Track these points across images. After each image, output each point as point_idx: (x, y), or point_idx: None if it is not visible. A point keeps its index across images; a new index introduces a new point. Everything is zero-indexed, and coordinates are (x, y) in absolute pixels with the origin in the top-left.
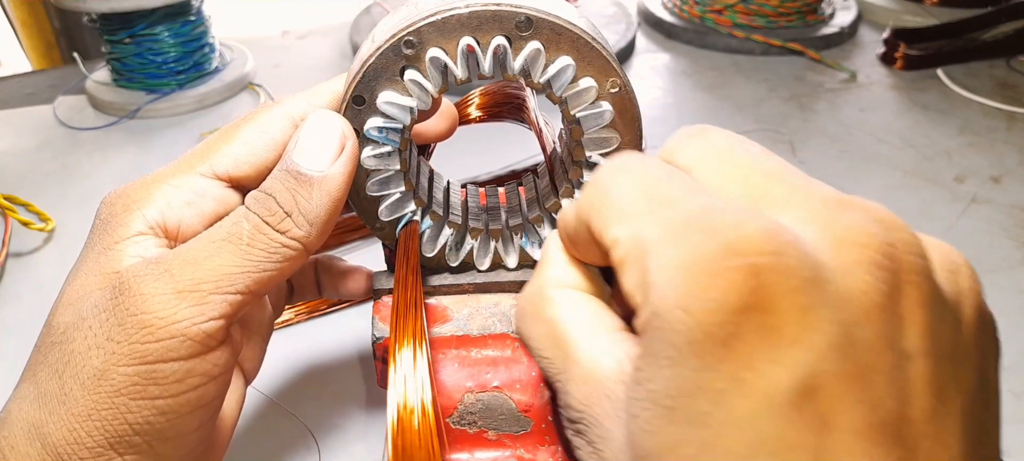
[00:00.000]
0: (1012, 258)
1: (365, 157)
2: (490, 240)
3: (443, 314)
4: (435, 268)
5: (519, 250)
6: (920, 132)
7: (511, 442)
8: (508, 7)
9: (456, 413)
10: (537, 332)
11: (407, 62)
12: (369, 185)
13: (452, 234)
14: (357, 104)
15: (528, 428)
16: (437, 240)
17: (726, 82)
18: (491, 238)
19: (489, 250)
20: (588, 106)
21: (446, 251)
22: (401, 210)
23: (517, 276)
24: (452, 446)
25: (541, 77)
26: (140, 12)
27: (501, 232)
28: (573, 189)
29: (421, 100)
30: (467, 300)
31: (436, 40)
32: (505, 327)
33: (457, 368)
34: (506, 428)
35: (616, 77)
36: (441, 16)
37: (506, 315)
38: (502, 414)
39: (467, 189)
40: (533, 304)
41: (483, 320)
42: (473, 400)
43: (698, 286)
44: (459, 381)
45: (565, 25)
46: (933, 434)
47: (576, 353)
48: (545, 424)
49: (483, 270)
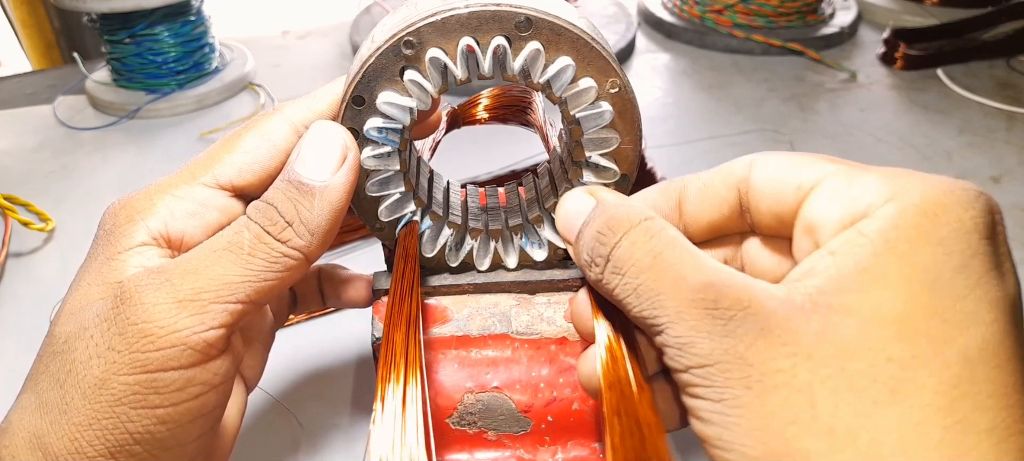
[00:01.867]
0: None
1: (365, 157)
2: (490, 240)
3: (443, 314)
4: (435, 268)
5: (519, 250)
6: (920, 132)
7: (511, 442)
8: (508, 7)
9: (456, 414)
10: (652, 281)
11: (407, 62)
12: (368, 185)
13: (452, 234)
14: (357, 104)
15: (528, 428)
16: (437, 240)
17: (726, 82)
18: (491, 238)
19: (489, 251)
20: (588, 106)
21: (446, 251)
22: (401, 210)
23: (517, 276)
24: (451, 446)
25: (541, 77)
26: (140, 12)
27: (501, 232)
28: (572, 189)
29: (421, 100)
30: (467, 300)
31: (436, 40)
32: (504, 327)
33: (457, 368)
34: (506, 428)
35: (616, 77)
36: (441, 16)
37: (506, 315)
38: (502, 414)
39: (467, 189)
40: (646, 250)
41: (483, 320)
42: (473, 400)
43: (965, 195)
44: (459, 382)
45: (565, 25)
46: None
47: (744, 292)
48: (545, 424)
49: (483, 270)
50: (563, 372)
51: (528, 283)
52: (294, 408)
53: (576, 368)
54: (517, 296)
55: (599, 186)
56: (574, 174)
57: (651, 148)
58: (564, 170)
